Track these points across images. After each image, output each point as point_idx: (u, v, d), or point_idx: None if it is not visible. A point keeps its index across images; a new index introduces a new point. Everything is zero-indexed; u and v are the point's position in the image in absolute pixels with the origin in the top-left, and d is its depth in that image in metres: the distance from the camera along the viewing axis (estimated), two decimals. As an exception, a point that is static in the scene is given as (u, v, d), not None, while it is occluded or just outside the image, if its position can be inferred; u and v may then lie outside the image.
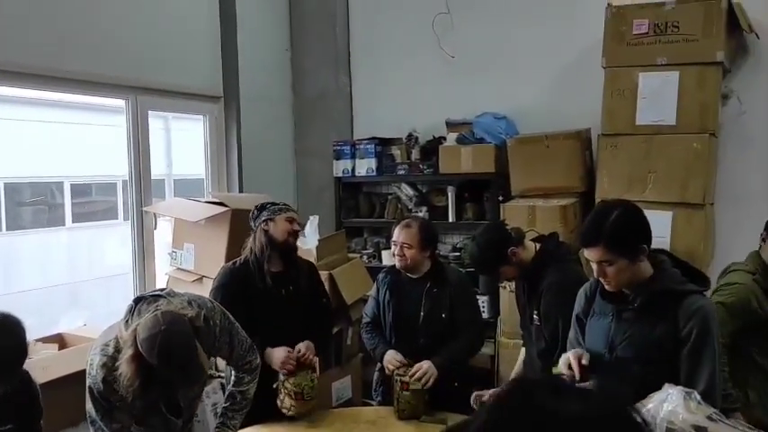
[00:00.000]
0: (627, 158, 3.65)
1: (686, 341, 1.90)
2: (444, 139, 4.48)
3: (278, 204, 2.86)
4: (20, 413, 2.14)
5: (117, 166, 3.87)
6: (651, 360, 1.90)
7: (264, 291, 2.75)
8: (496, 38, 4.49)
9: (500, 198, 4.15)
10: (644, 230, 1.97)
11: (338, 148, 4.83)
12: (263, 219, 2.80)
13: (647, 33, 3.58)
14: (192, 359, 2.07)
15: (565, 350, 2.11)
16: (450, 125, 4.47)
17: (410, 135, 4.61)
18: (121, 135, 3.79)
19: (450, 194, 4.44)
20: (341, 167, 4.83)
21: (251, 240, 2.84)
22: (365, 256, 4.82)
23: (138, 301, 2.15)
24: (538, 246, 2.58)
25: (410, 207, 4.60)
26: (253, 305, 2.69)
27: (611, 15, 3.68)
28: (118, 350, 2.09)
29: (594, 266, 1.95)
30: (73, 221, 4.05)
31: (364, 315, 3.03)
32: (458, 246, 4.51)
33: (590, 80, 3.79)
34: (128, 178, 3.85)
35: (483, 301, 3.92)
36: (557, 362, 2.03)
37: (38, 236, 3.95)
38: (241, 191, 4.50)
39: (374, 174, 4.70)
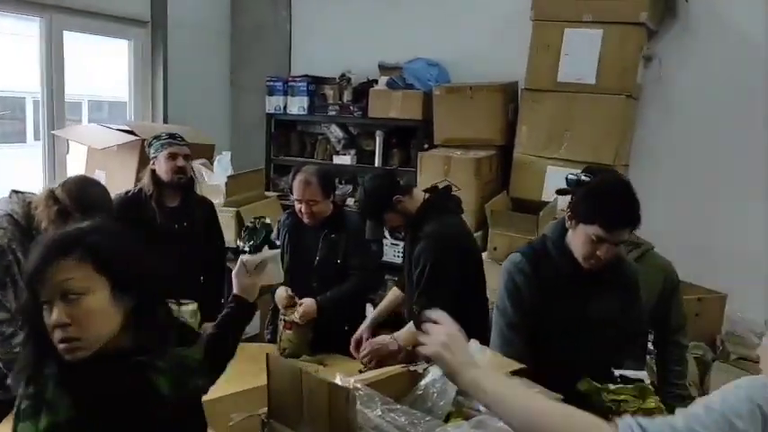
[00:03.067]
0: (547, 115, 3.66)
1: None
2: (377, 82, 4.42)
3: (163, 139, 2.78)
4: None
5: (27, 82, 3.73)
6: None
7: (158, 225, 2.73)
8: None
9: (425, 146, 4.14)
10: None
11: (271, 83, 4.73)
12: (150, 156, 2.76)
13: (576, -12, 3.52)
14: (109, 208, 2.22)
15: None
16: (383, 68, 4.40)
17: (343, 75, 4.53)
18: (33, 48, 3.65)
19: (378, 139, 4.41)
20: (273, 104, 4.74)
21: (144, 173, 2.80)
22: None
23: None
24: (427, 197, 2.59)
25: (338, 149, 4.56)
26: (144, 236, 2.65)
27: (543, -33, 3.61)
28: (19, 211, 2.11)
29: (604, 247, 1.80)
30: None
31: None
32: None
33: (525, 33, 3.74)
34: (40, 99, 3.74)
35: (398, 250, 3.97)
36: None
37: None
38: (166, 120, 4.40)
39: (305, 113, 4.63)
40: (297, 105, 4.64)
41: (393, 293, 2.79)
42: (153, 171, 2.75)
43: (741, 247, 3.61)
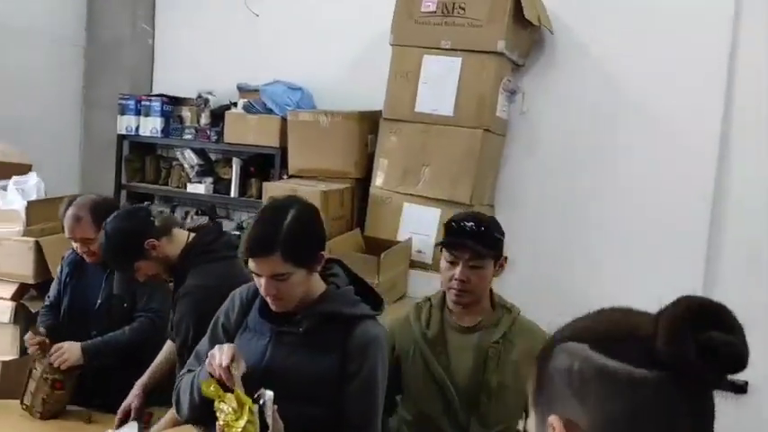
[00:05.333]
0: (404, 147, 3.36)
1: (354, 377, 1.58)
2: (236, 105, 4.05)
3: None
4: None
5: None
6: (312, 398, 1.55)
7: None
8: (305, 1, 4.09)
9: (284, 176, 3.78)
10: (322, 233, 1.64)
11: (123, 101, 4.30)
12: None
13: (435, 12, 3.27)
14: None
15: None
16: (242, 91, 4.04)
17: (200, 96, 4.14)
18: None
19: (235, 167, 4.03)
20: (125, 124, 4.30)
21: None
22: (144, 226, 4.33)
23: None
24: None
25: (191, 176, 4.14)
26: None
27: (403, -12, 3.36)
28: None
29: (263, 282, 1.55)
30: None
31: (47, 297, 2.58)
32: (243, 224, 4.11)
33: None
34: None
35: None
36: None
37: None
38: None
39: (158, 135, 4.20)
40: (150, 127, 4.21)
41: (168, 347, 2.32)
42: None
43: (611, 290, 3.38)
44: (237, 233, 4.03)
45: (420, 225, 3.33)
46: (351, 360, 1.58)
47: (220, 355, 1.46)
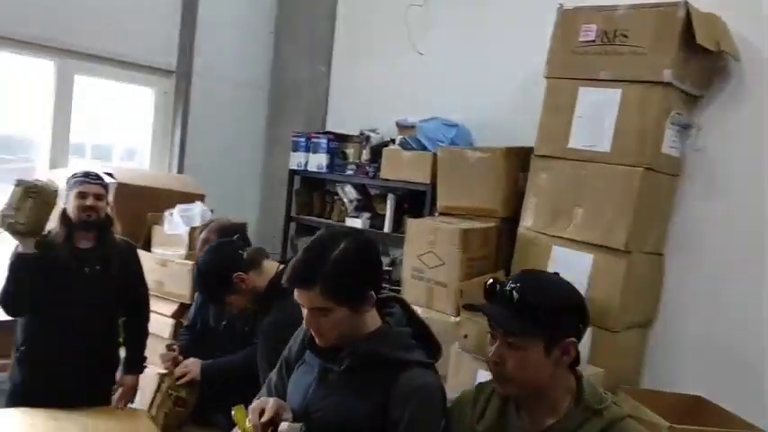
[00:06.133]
0: (556, 186, 3.11)
1: (397, 427, 1.44)
2: (394, 141, 4.09)
3: (76, 177, 2.63)
4: None
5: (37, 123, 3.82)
6: None
7: (66, 267, 2.54)
8: (468, 38, 4.04)
9: (437, 213, 3.71)
10: (374, 271, 1.52)
11: (296, 139, 4.56)
12: (66, 194, 2.60)
13: (594, 41, 3.02)
14: None
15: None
16: (401, 127, 4.07)
17: (362, 133, 4.26)
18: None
19: (389, 203, 4.05)
20: (296, 160, 4.55)
21: None
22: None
23: None
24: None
25: (349, 211, 4.24)
26: (48, 277, 2.47)
27: (561, 17, 3.15)
28: None
29: (305, 312, 1.48)
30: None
31: (187, 318, 2.77)
32: (397, 261, 4.10)
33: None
34: (47, 139, 3.80)
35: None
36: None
37: None
38: (180, 171, 4.34)
39: (324, 170, 4.39)
40: (316, 162, 4.41)
41: None
42: (64, 211, 2.60)
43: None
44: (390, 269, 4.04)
45: (569, 270, 2.95)
46: (393, 408, 1.43)
47: (264, 407, 1.45)
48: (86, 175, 2.63)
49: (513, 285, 1.34)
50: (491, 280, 1.41)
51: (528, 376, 1.35)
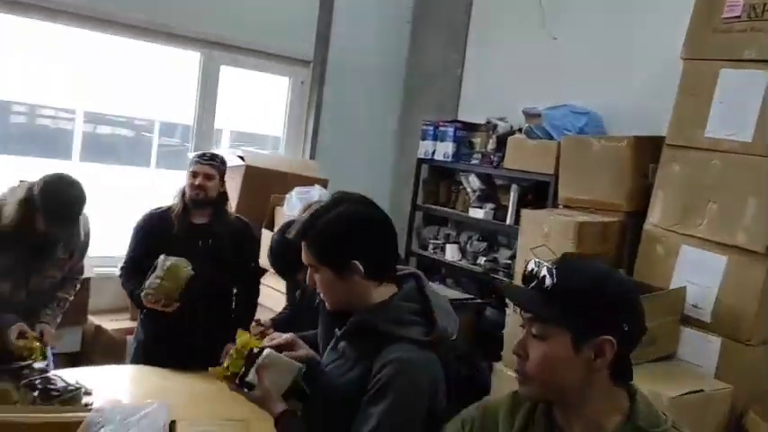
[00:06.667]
0: (688, 179, 2.82)
1: (369, 391, 1.41)
2: (521, 130, 3.94)
3: (194, 158, 2.82)
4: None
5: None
6: (340, 404, 1.47)
7: (181, 239, 2.75)
8: (608, 21, 3.78)
9: (561, 206, 3.53)
10: (363, 242, 1.47)
11: (426, 127, 4.55)
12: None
13: (740, 17, 2.68)
14: (76, 211, 2.31)
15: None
16: (528, 115, 3.90)
17: (488, 122, 4.14)
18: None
19: (512, 194, 3.91)
20: (424, 149, 4.55)
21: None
22: (430, 247, 4.52)
23: None
24: None
25: (471, 201, 4.16)
26: (165, 251, 2.69)
27: (702, -9, 2.83)
28: (4, 201, 2.31)
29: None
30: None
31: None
32: (515, 255, 3.96)
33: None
34: (192, 126, 4.13)
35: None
36: None
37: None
38: (312, 157, 4.52)
39: (449, 159, 4.34)
40: (443, 151, 4.37)
41: None
42: (183, 188, 2.81)
43: None
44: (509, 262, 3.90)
45: (699, 273, 2.74)
46: (371, 379, 1.40)
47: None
48: (201, 156, 2.82)
49: (549, 267, 1.16)
50: (533, 261, 1.22)
51: (551, 375, 1.14)
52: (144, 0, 3.73)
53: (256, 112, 4.60)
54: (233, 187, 3.62)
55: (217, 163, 2.83)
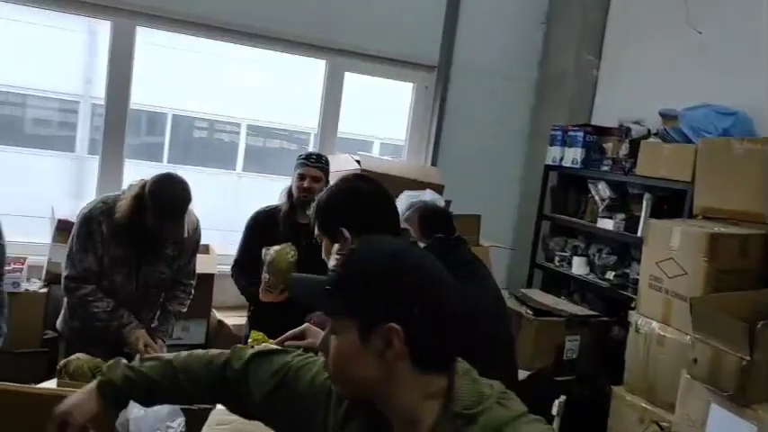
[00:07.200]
0: None
1: None
2: (656, 134, 3.60)
3: (300, 159, 2.85)
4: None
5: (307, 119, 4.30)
6: None
7: (286, 238, 2.80)
8: (755, 13, 3.35)
9: (700, 216, 3.17)
10: (351, 214, 1.63)
11: (554, 132, 4.33)
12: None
13: None
14: (180, 208, 2.42)
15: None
16: (665, 117, 3.55)
17: (621, 125, 3.83)
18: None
19: (645, 203, 3.57)
20: (552, 155, 4.32)
21: None
22: (556, 259, 4.26)
23: None
24: None
25: (600, 211, 3.86)
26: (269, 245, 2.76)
27: None
28: (119, 199, 2.49)
29: None
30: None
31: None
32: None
33: None
34: (316, 132, 4.25)
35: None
36: None
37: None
38: (434, 164, 4.45)
39: (578, 166, 4.07)
40: (571, 157, 4.12)
41: None
42: (289, 189, 2.86)
43: None
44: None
45: None
46: None
47: None
48: (308, 157, 2.86)
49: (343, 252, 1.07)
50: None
51: (347, 371, 1.02)
52: (274, 11, 3.88)
53: (377, 117, 4.62)
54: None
55: (323, 164, 2.87)
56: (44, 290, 3.35)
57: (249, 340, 1.54)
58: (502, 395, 0.99)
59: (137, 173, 3.12)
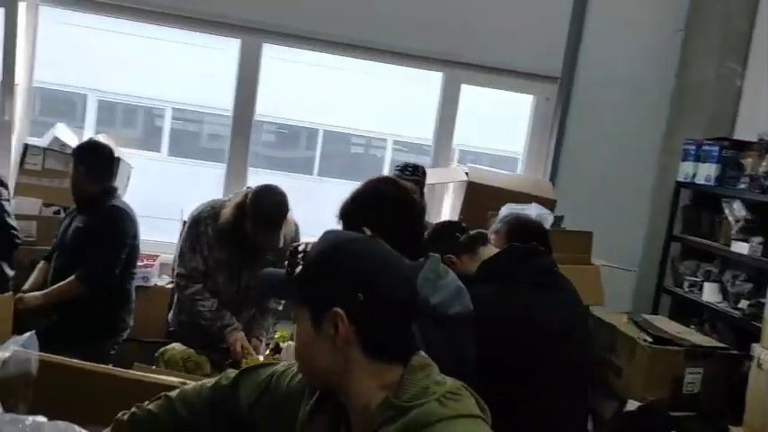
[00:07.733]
0: None
1: None
2: (804, 148, 3.21)
3: (396, 170, 2.86)
4: None
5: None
6: None
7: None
8: None
9: None
10: (372, 215, 1.60)
11: (687, 147, 4.01)
12: None
13: None
14: (278, 218, 2.54)
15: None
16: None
17: (761, 139, 3.46)
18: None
19: (785, 226, 3.20)
20: (684, 171, 4.00)
21: None
22: (686, 284, 3.93)
23: None
24: None
25: (733, 233, 3.49)
26: None
27: None
28: (225, 205, 2.68)
29: None
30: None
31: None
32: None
33: None
34: (431, 144, 4.27)
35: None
36: None
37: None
38: (553, 178, 4.28)
39: (711, 183, 3.73)
40: (705, 174, 3.79)
41: None
42: None
43: None
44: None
45: None
46: None
47: None
48: (402, 169, 2.89)
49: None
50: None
51: (306, 358, 1.07)
52: (387, 24, 3.97)
53: (490, 129, 4.56)
54: (456, 202, 3.64)
55: (419, 176, 2.88)
56: (170, 285, 3.66)
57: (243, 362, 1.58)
58: (449, 394, 0.97)
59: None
